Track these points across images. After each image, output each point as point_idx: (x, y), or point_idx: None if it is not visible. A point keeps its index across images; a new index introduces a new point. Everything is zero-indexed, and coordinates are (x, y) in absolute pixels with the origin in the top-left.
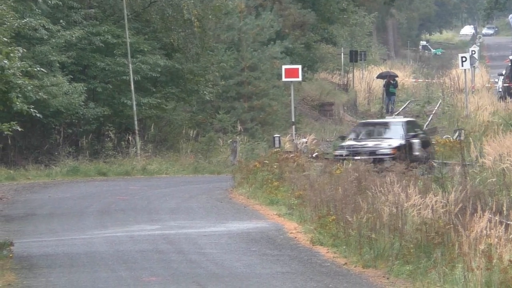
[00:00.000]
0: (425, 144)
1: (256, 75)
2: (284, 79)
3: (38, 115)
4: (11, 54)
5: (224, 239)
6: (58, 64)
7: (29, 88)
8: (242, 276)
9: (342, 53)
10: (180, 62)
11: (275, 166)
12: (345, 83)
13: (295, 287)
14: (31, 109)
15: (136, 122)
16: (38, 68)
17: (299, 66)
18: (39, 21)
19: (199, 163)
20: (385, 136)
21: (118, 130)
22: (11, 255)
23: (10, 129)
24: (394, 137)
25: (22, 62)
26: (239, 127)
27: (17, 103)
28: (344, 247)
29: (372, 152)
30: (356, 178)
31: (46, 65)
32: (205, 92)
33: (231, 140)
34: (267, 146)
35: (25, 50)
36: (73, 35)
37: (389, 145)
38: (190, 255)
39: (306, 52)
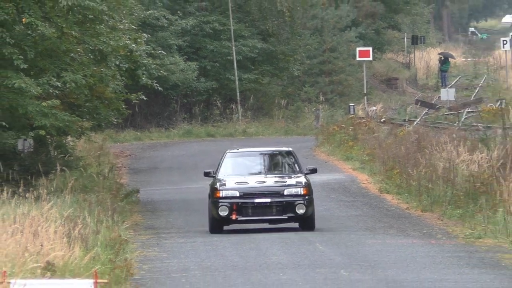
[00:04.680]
0: None
1: (335, 55)
2: (358, 58)
3: (159, 88)
4: (138, 39)
5: None
6: (175, 47)
7: (152, 66)
8: (324, 217)
9: (405, 37)
10: (274, 45)
11: (350, 129)
12: (408, 61)
13: (366, 227)
14: (154, 83)
15: (238, 94)
16: (160, 51)
17: (370, 48)
18: (161, 12)
19: (288, 126)
20: None
21: (224, 100)
22: (138, 200)
23: (137, 98)
24: None
25: (147, 46)
26: (321, 98)
27: (143, 78)
28: (406, 194)
29: None
30: (416, 139)
31: (166, 47)
32: (294, 69)
33: (314, 108)
34: (344, 113)
35: (149, 36)
36: (188, 23)
37: None
38: None
39: (376, 36)
